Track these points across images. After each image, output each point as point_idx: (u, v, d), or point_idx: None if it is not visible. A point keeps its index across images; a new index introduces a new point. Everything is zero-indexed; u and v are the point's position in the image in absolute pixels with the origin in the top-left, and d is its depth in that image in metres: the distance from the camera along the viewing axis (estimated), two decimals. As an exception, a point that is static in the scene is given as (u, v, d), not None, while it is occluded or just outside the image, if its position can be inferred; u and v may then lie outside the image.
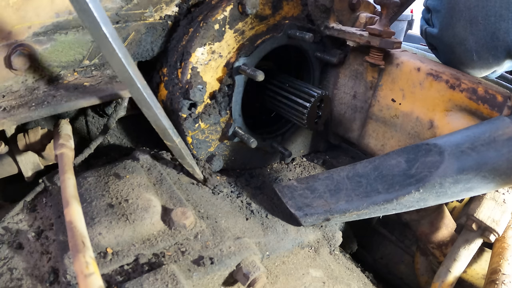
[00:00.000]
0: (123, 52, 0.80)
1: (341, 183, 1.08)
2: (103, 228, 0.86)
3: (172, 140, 1.00)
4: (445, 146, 0.93)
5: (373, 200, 1.00)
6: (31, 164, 1.11)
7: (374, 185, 1.02)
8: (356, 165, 1.09)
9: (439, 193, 0.93)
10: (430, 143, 0.97)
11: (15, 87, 0.98)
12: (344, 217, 1.07)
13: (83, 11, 0.71)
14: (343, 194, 1.06)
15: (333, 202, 1.07)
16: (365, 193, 1.02)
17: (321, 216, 1.08)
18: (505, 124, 0.90)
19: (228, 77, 1.19)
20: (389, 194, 0.98)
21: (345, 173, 1.09)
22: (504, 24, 1.10)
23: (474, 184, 0.90)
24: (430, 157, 0.95)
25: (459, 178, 0.89)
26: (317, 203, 1.10)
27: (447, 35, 1.23)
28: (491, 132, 0.90)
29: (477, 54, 1.20)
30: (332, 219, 1.08)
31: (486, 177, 0.88)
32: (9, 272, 0.86)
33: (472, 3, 1.13)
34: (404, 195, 0.95)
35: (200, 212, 1.04)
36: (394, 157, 1.02)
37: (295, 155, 1.58)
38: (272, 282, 0.97)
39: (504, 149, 0.87)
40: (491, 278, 1.04)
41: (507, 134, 0.88)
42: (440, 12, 1.25)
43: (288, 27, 1.24)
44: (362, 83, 1.37)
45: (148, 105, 0.88)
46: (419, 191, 0.93)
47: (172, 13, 1.19)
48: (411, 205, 0.97)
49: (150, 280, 0.78)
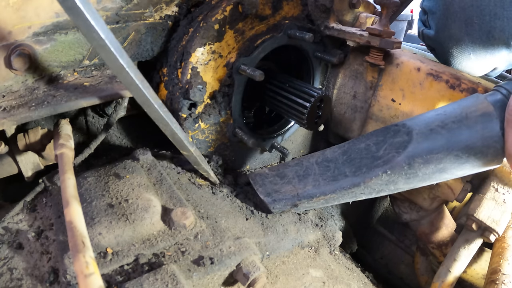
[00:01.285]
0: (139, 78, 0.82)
1: (310, 169, 1.06)
2: (103, 228, 0.86)
3: (188, 150, 1.04)
4: (413, 126, 0.89)
5: (340, 184, 0.97)
6: (31, 164, 1.12)
7: (341, 169, 0.99)
8: (326, 151, 1.07)
9: (408, 175, 0.89)
10: (399, 124, 0.93)
11: (15, 87, 0.98)
12: (312, 203, 1.04)
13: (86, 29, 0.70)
14: (311, 179, 1.04)
15: (301, 187, 1.05)
16: (333, 177, 1.00)
17: (288, 202, 1.06)
18: (478, 101, 0.83)
19: (228, 77, 1.19)
20: (356, 177, 0.95)
21: (315, 159, 1.07)
22: (499, 22, 1.10)
23: (447, 164, 0.85)
24: (398, 138, 0.90)
25: (429, 158, 0.85)
26: (285, 189, 1.08)
27: (443, 37, 1.23)
28: (463, 108, 0.84)
29: (474, 54, 1.20)
30: (300, 204, 1.06)
31: (459, 156, 0.83)
32: (9, 272, 0.86)
33: (467, 3, 1.14)
34: (372, 178, 0.92)
35: (200, 212, 1.04)
36: (363, 141, 0.99)
37: (295, 155, 1.58)
38: (272, 282, 0.97)
39: (477, 125, 0.80)
40: (491, 278, 1.04)
41: (481, 110, 0.81)
42: (435, 13, 1.25)
43: (288, 27, 1.24)
44: (362, 83, 1.37)
45: (165, 122, 0.93)
46: (387, 172, 0.90)
47: (172, 13, 1.19)
48: (380, 188, 0.94)
49: (150, 280, 0.78)
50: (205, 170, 1.14)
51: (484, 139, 0.80)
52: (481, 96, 0.85)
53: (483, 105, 0.82)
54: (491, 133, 0.80)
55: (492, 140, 0.80)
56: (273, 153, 1.49)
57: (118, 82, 1.11)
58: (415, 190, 1.22)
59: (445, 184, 1.17)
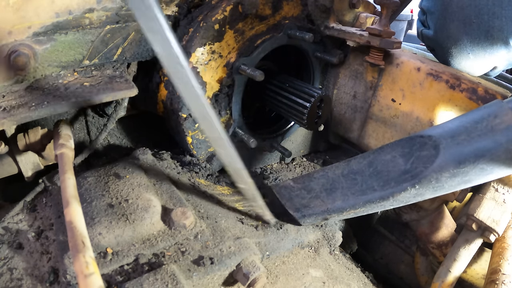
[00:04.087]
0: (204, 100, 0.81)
1: (337, 182, 1.06)
2: (103, 228, 0.86)
3: (245, 182, 0.96)
4: (440, 139, 0.90)
5: (369, 198, 0.98)
6: (31, 164, 1.11)
7: (369, 182, 1.00)
8: (350, 162, 1.07)
9: (435, 188, 0.90)
10: (424, 135, 0.94)
11: (15, 87, 0.98)
12: (342, 216, 1.06)
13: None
14: (339, 193, 1.05)
15: (330, 202, 1.06)
16: (361, 191, 1.00)
17: (319, 216, 1.08)
18: (503, 111, 0.85)
19: (228, 77, 1.19)
20: (385, 191, 0.96)
21: (340, 171, 1.07)
22: (497, 21, 1.10)
23: (472, 176, 0.86)
24: (425, 151, 0.91)
25: (456, 172, 0.86)
26: (314, 204, 1.09)
27: (442, 37, 1.23)
28: (489, 120, 0.85)
29: (473, 53, 1.20)
30: (330, 218, 1.08)
31: (484, 169, 0.84)
32: (9, 272, 0.85)
33: (465, 3, 1.13)
34: (400, 192, 0.93)
35: (200, 212, 1.04)
36: (388, 152, 0.99)
37: (295, 155, 1.58)
38: (272, 282, 0.97)
39: (502, 139, 0.82)
40: (491, 278, 1.04)
41: (506, 122, 0.83)
42: (434, 13, 1.25)
43: (288, 27, 1.24)
44: (362, 83, 1.37)
45: (225, 145, 0.87)
46: (415, 187, 0.91)
47: (172, 13, 1.19)
48: (408, 200, 0.96)
49: (150, 280, 0.78)
50: (260, 208, 1.06)
51: (508, 152, 0.82)
52: (504, 105, 0.86)
53: (507, 116, 0.83)
54: None
55: None
56: (273, 153, 1.49)
57: (118, 82, 1.11)
58: (415, 190, 1.21)
59: (445, 184, 1.17)
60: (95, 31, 1.04)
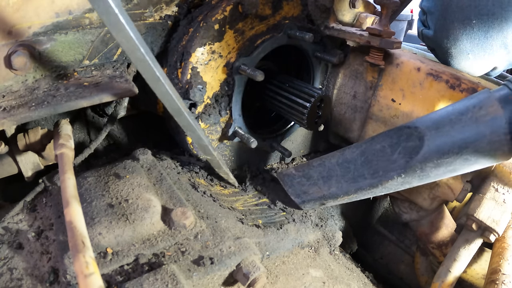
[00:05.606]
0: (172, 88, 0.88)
1: (332, 170, 1.14)
2: (103, 228, 0.86)
3: (211, 154, 1.10)
4: (424, 130, 0.93)
5: (360, 185, 1.06)
6: (31, 164, 1.12)
7: (360, 171, 1.07)
8: (345, 151, 1.13)
9: (421, 176, 0.96)
10: (411, 126, 0.97)
11: (15, 87, 0.98)
12: (337, 201, 1.15)
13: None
14: (334, 180, 1.13)
15: (326, 188, 1.15)
16: (353, 178, 1.08)
17: (316, 202, 1.18)
18: (489, 102, 0.85)
19: (228, 77, 1.19)
20: (374, 179, 1.03)
21: (335, 160, 1.14)
22: (497, 22, 1.10)
23: (457, 166, 0.90)
24: (411, 142, 0.96)
25: (440, 162, 0.90)
26: (313, 190, 1.18)
27: (442, 37, 1.23)
28: (474, 111, 0.86)
29: (472, 54, 1.20)
30: (326, 203, 1.17)
31: (468, 159, 0.87)
32: (9, 272, 0.86)
33: (465, 3, 1.13)
34: (388, 180, 1.00)
35: (200, 212, 1.04)
36: (379, 142, 1.04)
37: (295, 155, 1.58)
38: (272, 282, 0.97)
39: (486, 130, 0.84)
40: (491, 278, 1.04)
41: (491, 113, 0.84)
42: (434, 14, 1.25)
43: (288, 27, 1.24)
44: (362, 83, 1.37)
45: (193, 128, 0.99)
46: (401, 176, 0.97)
47: (172, 13, 1.19)
48: (396, 188, 1.02)
49: (150, 280, 0.78)
50: (225, 173, 1.22)
51: (491, 143, 0.84)
52: (491, 96, 0.86)
53: (493, 108, 0.84)
54: (499, 137, 0.83)
55: (500, 144, 0.83)
56: (273, 153, 1.49)
57: (118, 82, 1.11)
58: (415, 190, 1.22)
59: (445, 184, 1.17)
60: (95, 31, 1.04)
